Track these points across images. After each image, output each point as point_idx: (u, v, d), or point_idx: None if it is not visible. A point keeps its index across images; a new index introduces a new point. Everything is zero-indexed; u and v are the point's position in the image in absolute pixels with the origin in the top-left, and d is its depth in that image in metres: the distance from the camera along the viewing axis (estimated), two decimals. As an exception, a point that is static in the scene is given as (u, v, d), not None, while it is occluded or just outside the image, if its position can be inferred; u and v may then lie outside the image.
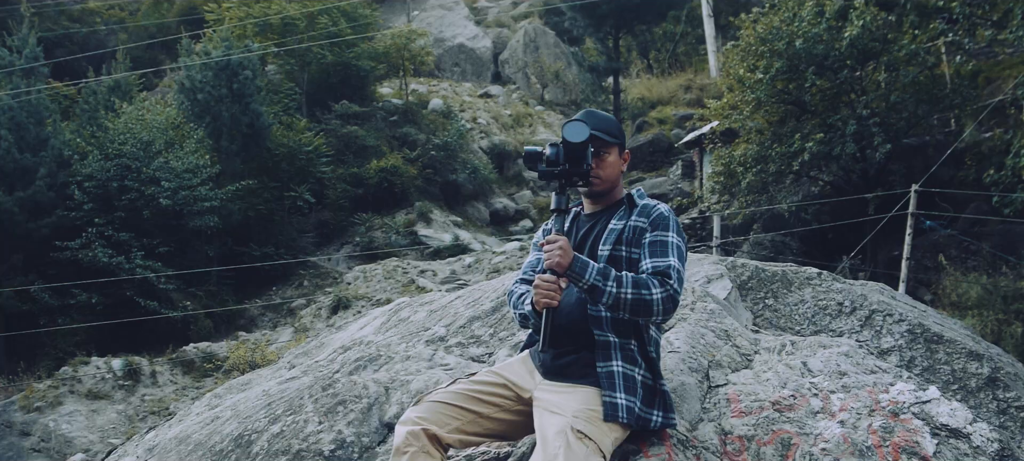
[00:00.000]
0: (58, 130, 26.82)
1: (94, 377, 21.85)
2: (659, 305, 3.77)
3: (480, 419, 4.06)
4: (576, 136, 3.89)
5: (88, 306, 24.51)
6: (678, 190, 27.31)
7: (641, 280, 3.80)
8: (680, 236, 3.99)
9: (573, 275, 3.81)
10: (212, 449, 5.15)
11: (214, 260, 27.37)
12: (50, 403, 21.06)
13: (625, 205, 4.17)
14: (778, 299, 5.74)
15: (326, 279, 27.70)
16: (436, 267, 26.35)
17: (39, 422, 20.66)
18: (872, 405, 4.03)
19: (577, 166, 3.97)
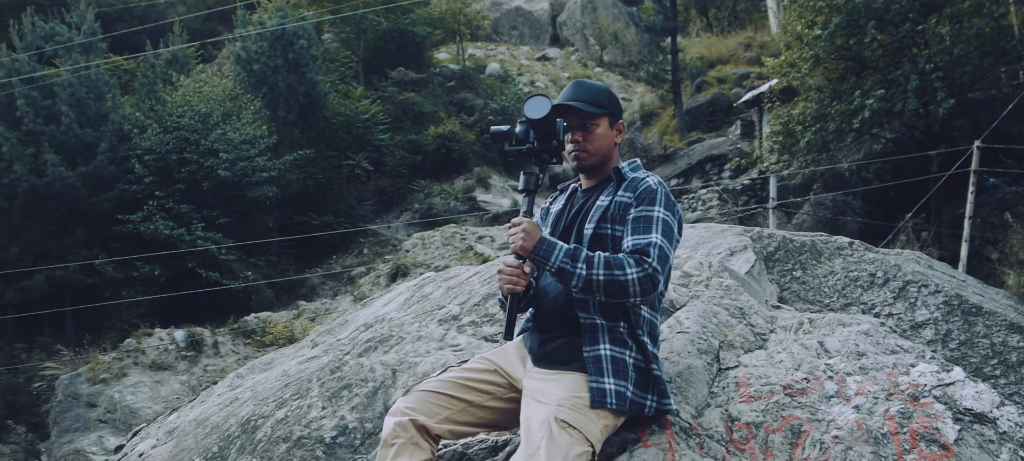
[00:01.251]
0: (118, 104, 27.07)
1: (157, 348, 22.08)
2: (634, 286, 3.52)
3: (471, 408, 3.88)
4: (537, 112, 3.68)
5: (151, 278, 24.78)
6: (737, 150, 26.81)
7: (615, 260, 3.56)
8: (669, 210, 3.71)
9: (538, 259, 3.62)
10: (225, 433, 5.06)
11: (274, 230, 27.52)
12: (115, 375, 21.32)
13: (614, 180, 3.92)
14: (806, 271, 5.49)
15: (385, 247, 27.71)
16: (494, 233, 26.21)
17: (105, 393, 20.94)
18: (890, 388, 3.77)
19: (545, 143, 3.77)
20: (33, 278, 24.48)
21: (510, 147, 3.87)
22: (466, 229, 26.71)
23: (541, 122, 3.69)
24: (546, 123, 3.71)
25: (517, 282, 3.71)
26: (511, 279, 3.71)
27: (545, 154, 3.81)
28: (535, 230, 3.66)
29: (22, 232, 24.93)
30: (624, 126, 4.02)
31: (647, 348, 3.70)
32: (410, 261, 24.94)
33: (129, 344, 22.15)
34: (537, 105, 3.69)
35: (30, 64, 26.17)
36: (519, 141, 3.82)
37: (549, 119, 3.69)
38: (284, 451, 4.53)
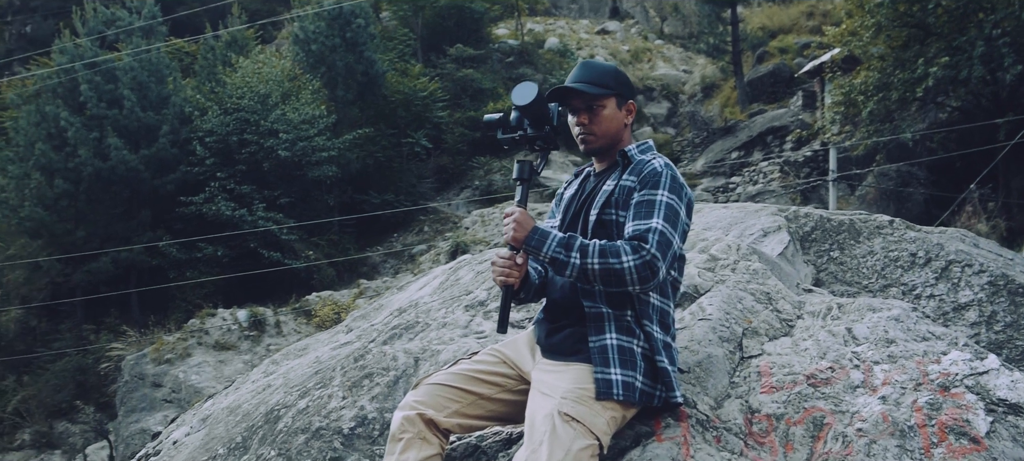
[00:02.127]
0: (179, 87, 27.35)
1: (220, 328, 22.31)
2: (632, 274, 3.38)
3: (481, 401, 3.77)
4: (523, 98, 3.57)
5: (214, 259, 25.06)
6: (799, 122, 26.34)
7: (611, 248, 3.42)
8: (673, 193, 3.54)
9: (530, 249, 3.52)
10: (251, 423, 5.01)
11: (334, 209, 27.66)
12: (179, 355, 21.58)
13: (620, 163, 3.77)
14: (844, 251, 5.28)
15: (446, 225, 27.71)
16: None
17: (169, 373, 21.21)
18: (919, 378, 3.58)
19: (538, 129, 3.67)
20: (99, 260, 24.88)
21: (502, 136, 3.76)
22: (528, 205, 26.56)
23: (530, 108, 3.60)
24: (536, 109, 3.61)
25: (509, 274, 3.62)
26: (503, 271, 3.62)
27: (539, 141, 3.71)
28: (527, 220, 3.55)
29: (88, 215, 25.32)
30: (635, 106, 3.84)
31: (654, 337, 3.55)
32: (470, 238, 24.88)
33: (193, 324, 22.41)
34: (523, 91, 3.58)
35: (93, 49, 26.51)
36: (511, 129, 3.72)
37: (538, 105, 3.59)
38: (302, 442, 4.46)
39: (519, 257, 3.62)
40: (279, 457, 4.46)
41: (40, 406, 23.70)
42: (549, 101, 3.71)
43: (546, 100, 3.67)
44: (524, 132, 3.70)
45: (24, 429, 23.50)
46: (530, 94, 3.57)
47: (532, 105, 3.58)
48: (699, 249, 4.89)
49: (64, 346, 25.09)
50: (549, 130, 3.69)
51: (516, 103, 3.58)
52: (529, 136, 3.70)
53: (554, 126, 3.69)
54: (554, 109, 3.72)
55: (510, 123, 3.74)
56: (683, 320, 4.27)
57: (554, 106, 3.72)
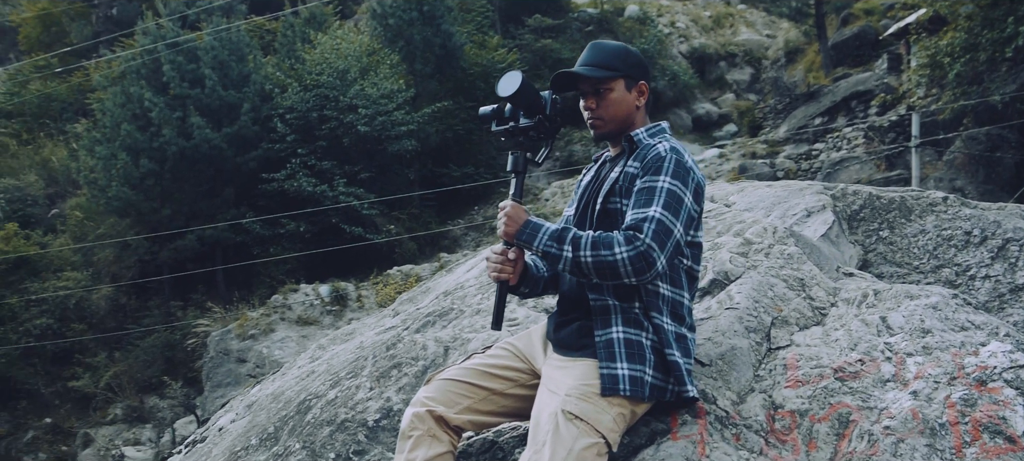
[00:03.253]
0: (259, 65, 27.61)
1: (303, 304, 22.54)
2: (625, 266, 3.22)
3: (494, 396, 3.65)
4: (506, 89, 3.45)
5: (296, 235, 25.31)
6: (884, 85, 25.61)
7: (603, 239, 3.27)
8: (677, 179, 3.35)
9: (522, 243, 3.43)
10: (285, 412, 4.95)
11: (415, 183, 27.72)
12: (263, 330, 21.87)
13: (627, 148, 3.61)
14: (894, 230, 5.01)
15: (527, 196, 27.62)
16: (633, 178, 25.80)
17: (253, 349, 21.51)
18: (954, 371, 3.35)
19: (531, 119, 3.56)
20: (185, 238, 25.30)
21: (496, 128, 3.66)
22: (606, 175, 26.34)
23: (516, 99, 3.48)
24: (524, 99, 3.50)
25: (502, 270, 3.53)
26: (496, 267, 3.53)
27: (531, 131, 3.58)
28: (518, 213, 3.45)
29: (174, 193, 25.74)
30: (647, 87, 3.65)
31: (664, 330, 3.40)
32: (549, 210, 24.77)
33: (276, 300, 22.67)
34: (507, 82, 3.45)
35: (174, 30, 26.87)
36: (504, 121, 3.61)
37: (524, 95, 3.47)
38: (326, 435, 4.39)
39: (511, 252, 3.53)
40: (303, 450, 4.40)
41: (131, 381, 24.23)
42: (555, 87, 3.58)
43: (533, 89, 3.53)
44: (516, 123, 3.59)
45: (116, 403, 24.07)
46: (513, 84, 3.44)
47: (517, 95, 3.46)
48: (734, 233, 4.68)
49: (153, 323, 25.59)
50: (541, 119, 3.57)
51: (500, 94, 3.47)
52: (521, 127, 3.59)
53: (547, 115, 3.57)
54: (548, 97, 3.58)
55: (504, 115, 3.63)
56: (710, 309, 4.09)
57: (548, 94, 3.59)
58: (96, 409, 24.24)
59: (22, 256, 25.75)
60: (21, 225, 27.72)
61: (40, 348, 24.88)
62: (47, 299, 25.10)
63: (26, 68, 36.93)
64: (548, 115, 3.58)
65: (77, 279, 25.89)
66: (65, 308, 25.49)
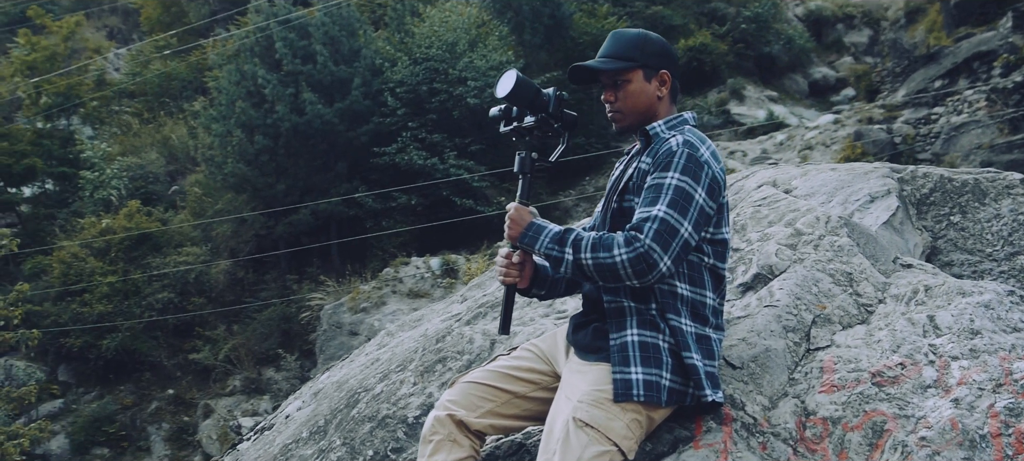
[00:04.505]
0: (369, 40, 27.75)
1: (414, 277, 22.65)
2: (624, 268, 3.08)
3: (516, 399, 3.53)
4: (502, 89, 3.38)
5: (408, 208, 25.45)
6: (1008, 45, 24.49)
7: (604, 241, 3.13)
8: (687, 175, 3.17)
9: (525, 246, 3.35)
10: (337, 404, 4.88)
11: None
12: (375, 303, 22.05)
13: (642, 142, 3.45)
14: (966, 215, 4.72)
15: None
16: (746, 147, 25.29)
17: (365, 322, 21.70)
18: (1001, 377, 3.09)
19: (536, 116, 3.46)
20: (300, 212, 25.63)
21: (503, 128, 3.57)
22: (717, 144, 25.84)
23: (514, 98, 3.40)
24: (522, 98, 3.41)
25: (507, 273, 3.46)
26: (503, 270, 3.47)
27: (536, 131, 3.49)
28: (522, 216, 3.37)
29: (288, 169, 26.07)
30: (669, 76, 3.46)
31: (683, 332, 3.24)
32: (630, 185, 24.38)
33: (387, 273, 22.83)
34: (503, 82, 3.38)
35: (286, 7, 27.18)
36: (510, 121, 3.53)
37: (522, 93, 3.39)
38: (367, 432, 4.32)
39: (516, 256, 3.45)
40: (343, 446, 4.33)
41: (249, 354, 24.72)
42: (574, 81, 3.49)
43: (533, 87, 3.43)
44: (520, 123, 3.50)
45: (235, 375, 24.59)
46: (508, 84, 3.37)
47: (513, 95, 3.38)
48: (786, 222, 4.43)
49: (270, 296, 26.06)
50: (545, 118, 3.47)
51: (497, 95, 3.39)
52: (525, 127, 3.50)
53: (550, 113, 3.47)
54: (551, 94, 3.48)
55: (511, 115, 3.54)
56: (748, 306, 3.88)
57: (551, 91, 3.49)
58: (215, 381, 24.80)
59: (144, 232, 26.44)
60: (143, 202, 28.48)
61: (162, 322, 25.55)
62: (168, 274, 25.73)
63: (147, 48, 37.90)
64: (551, 113, 3.47)
65: (197, 254, 26.48)
66: (185, 283, 26.10)
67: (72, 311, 25.06)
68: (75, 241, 26.70)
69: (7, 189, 31.36)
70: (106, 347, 24.70)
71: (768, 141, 25.29)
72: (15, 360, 24.85)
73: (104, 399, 24.60)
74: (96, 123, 35.27)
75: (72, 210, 30.10)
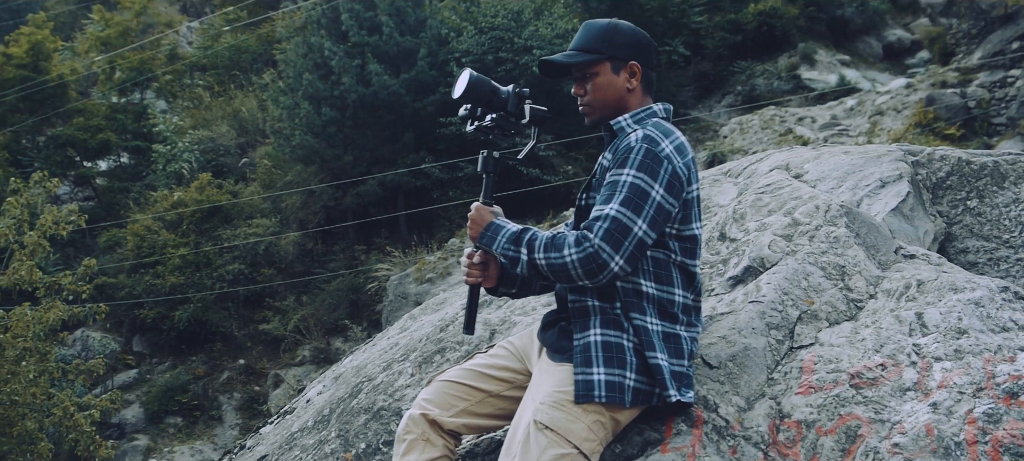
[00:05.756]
0: (434, 10, 27.73)
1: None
2: (575, 268, 3.01)
3: (491, 398, 3.48)
4: (456, 90, 3.37)
5: (475, 178, 25.37)
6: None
7: (556, 240, 3.08)
8: (643, 171, 3.07)
9: (484, 246, 3.31)
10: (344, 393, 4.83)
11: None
12: (440, 274, 22.09)
13: (607, 137, 3.37)
14: (984, 200, 4.51)
15: (707, 133, 26.93)
16: (815, 113, 24.77)
17: (430, 293, 21.71)
18: (982, 381, 2.94)
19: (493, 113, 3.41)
20: (367, 183, 25.73)
21: (468, 129, 3.53)
22: (786, 110, 25.38)
23: (470, 98, 3.38)
24: (478, 97, 3.39)
25: (469, 273, 3.44)
26: (465, 270, 3.44)
27: (496, 130, 3.44)
28: (482, 215, 3.34)
29: (355, 140, 26.17)
30: (639, 67, 3.33)
31: (648, 331, 3.15)
32: (727, 148, 24.06)
33: (453, 244, 22.85)
34: (458, 83, 3.36)
35: (352, -23, 27.25)
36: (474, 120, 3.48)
37: (476, 93, 3.37)
38: (361, 424, 4.28)
39: (477, 255, 3.43)
40: (337, 438, 4.28)
41: (318, 324, 24.96)
42: (544, 75, 3.44)
43: (488, 86, 3.40)
44: (480, 122, 3.45)
45: (304, 345, 24.85)
46: (462, 85, 3.35)
47: (467, 95, 3.37)
48: (785, 211, 4.26)
49: (338, 267, 26.25)
50: (504, 116, 3.41)
51: (453, 96, 3.39)
52: (485, 126, 3.44)
53: (510, 111, 3.41)
54: (508, 92, 3.41)
55: (476, 114, 3.48)
56: (734, 302, 3.75)
57: (508, 89, 3.42)
58: (285, 351, 25.09)
59: (215, 205, 26.78)
60: (214, 175, 28.85)
61: (233, 293, 25.90)
62: (239, 246, 26.05)
63: (217, 21, 38.29)
64: (511, 111, 3.40)
65: (266, 226, 26.77)
66: (255, 254, 26.41)
67: (145, 283, 25.55)
68: (148, 214, 27.14)
69: (83, 163, 31.98)
70: (178, 318, 25.15)
71: (838, 107, 24.74)
72: (91, 331, 25.38)
73: (177, 369, 25.05)
74: (169, 97, 35.78)
75: (145, 183, 30.64)
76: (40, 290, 14.75)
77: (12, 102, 31.10)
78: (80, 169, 31.95)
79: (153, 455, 23.02)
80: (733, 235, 4.26)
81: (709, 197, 4.84)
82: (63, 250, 25.20)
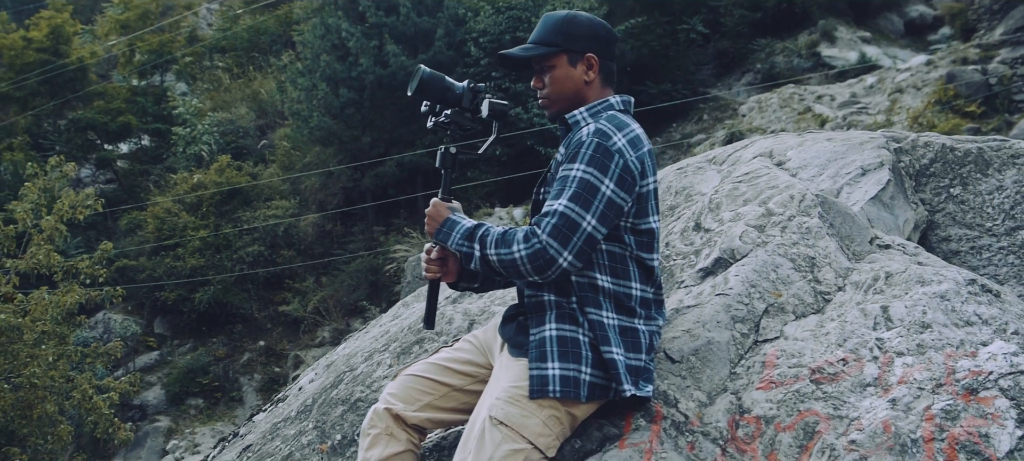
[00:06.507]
0: (452, -11, 27.64)
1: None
2: (524, 264, 3.02)
3: (454, 393, 3.49)
4: (410, 87, 3.39)
5: (493, 159, 25.36)
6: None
7: (507, 236, 3.10)
8: (593, 165, 3.06)
9: (439, 242, 3.32)
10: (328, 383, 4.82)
11: (611, 102, 27.24)
12: (461, 253, 22.06)
13: (561, 131, 3.38)
14: (967, 187, 4.46)
15: (726, 112, 26.78)
16: (835, 91, 24.55)
17: (450, 273, 21.74)
18: (943, 376, 2.91)
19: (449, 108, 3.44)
20: (386, 165, 25.75)
21: (429, 124, 3.57)
22: (805, 89, 25.18)
23: (424, 95, 3.41)
24: (430, 95, 3.41)
25: (427, 268, 3.45)
26: (424, 266, 3.45)
27: (453, 125, 3.47)
28: (438, 211, 3.36)
29: (374, 121, 26.16)
30: (596, 59, 3.31)
31: (603, 325, 3.14)
32: (745, 126, 23.94)
33: (472, 222, 22.81)
34: (412, 81, 3.38)
35: (369, -41, 27.21)
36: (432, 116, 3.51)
37: (429, 90, 3.40)
38: (338, 415, 4.28)
39: (435, 251, 3.43)
40: (314, 430, 4.29)
41: (337, 305, 25.04)
42: (504, 68, 3.47)
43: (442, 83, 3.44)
44: (438, 118, 3.47)
45: (324, 326, 24.95)
46: (413, 82, 3.37)
47: (420, 92, 3.39)
48: (760, 201, 4.21)
49: (357, 248, 26.29)
50: (460, 111, 3.45)
51: (408, 93, 3.41)
52: (441, 122, 3.47)
53: (465, 106, 3.45)
54: (463, 88, 3.43)
55: (434, 111, 3.50)
56: (701, 295, 3.70)
57: (463, 85, 3.44)
58: (305, 332, 25.20)
59: (235, 187, 26.87)
60: (234, 157, 28.95)
61: (253, 275, 26.01)
62: (258, 227, 26.14)
63: (236, 3, 38.34)
64: (466, 107, 3.44)
65: (286, 207, 26.84)
66: (275, 236, 26.50)
67: (166, 265, 25.69)
68: (168, 196, 27.27)
69: (104, 146, 32.15)
70: (199, 300, 25.30)
71: (858, 84, 24.52)
72: (113, 314, 25.56)
73: (198, 351, 25.22)
74: (189, 79, 35.90)
75: (166, 166, 30.76)
76: (58, 274, 14.87)
77: (33, 86, 31.32)
78: (101, 152, 32.14)
79: (175, 436, 23.20)
80: (708, 225, 4.22)
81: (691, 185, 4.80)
82: (85, 233, 25.34)
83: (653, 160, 3.26)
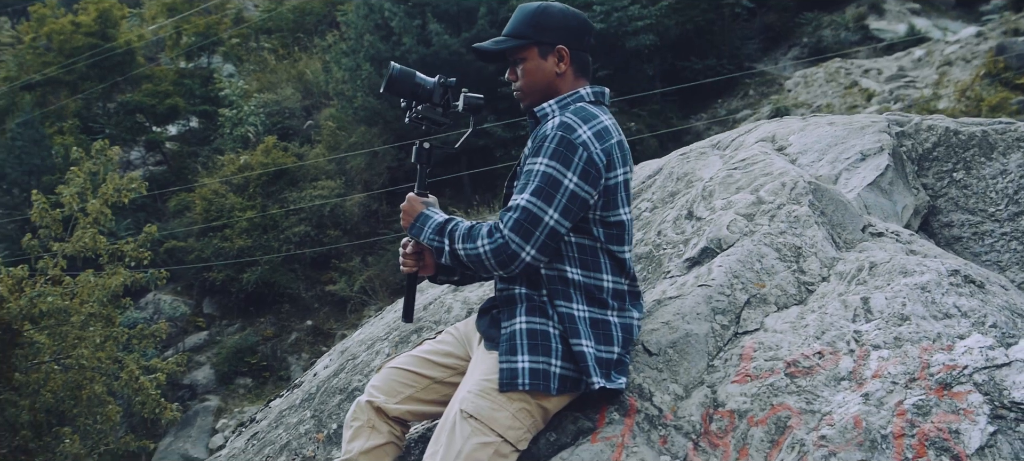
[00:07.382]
0: (496, -33, 27.56)
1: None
2: (488, 259, 3.05)
3: (435, 385, 3.50)
4: (383, 84, 3.40)
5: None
6: None
7: (473, 231, 3.12)
8: (556, 159, 3.05)
9: (413, 236, 3.34)
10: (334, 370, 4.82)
11: (655, 79, 27.08)
12: (501, 233, 22.08)
13: (531, 125, 3.38)
14: (971, 171, 4.37)
15: (772, 87, 26.52)
16: (882, 65, 24.19)
17: (491, 251, 21.77)
18: (917, 371, 2.85)
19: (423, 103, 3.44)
20: (430, 144, 25.73)
21: (407, 120, 3.55)
22: (852, 63, 24.82)
23: (393, 91, 3.40)
24: (401, 90, 3.41)
25: (404, 262, 3.46)
26: (402, 260, 3.47)
27: (426, 120, 3.47)
28: (412, 206, 3.36)
29: (417, 100, 26.17)
30: (567, 51, 3.31)
31: (574, 317, 3.15)
32: (791, 101, 23.67)
33: (514, 201, 22.81)
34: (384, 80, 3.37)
35: (411, -63, 27.21)
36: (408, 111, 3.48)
37: (399, 86, 3.41)
38: (335, 405, 4.30)
39: (410, 245, 3.44)
40: (312, 418, 4.30)
41: (383, 285, 25.15)
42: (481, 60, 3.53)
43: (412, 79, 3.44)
44: (412, 113, 3.47)
45: (370, 306, 25.06)
46: (385, 80, 3.38)
47: (389, 89, 3.40)
48: (752, 189, 4.13)
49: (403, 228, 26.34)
50: (432, 106, 3.46)
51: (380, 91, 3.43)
52: (414, 117, 3.46)
53: (436, 102, 3.45)
54: (433, 83, 3.45)
55: (410, 106, 3.50)
56: (685, 286, 3.66)
57: (434, 80, 3.46)
58: (352, 311, 25.34)
59: (281, 167, 27.05)
60: (280, 137, 29.11)
61: (300, 255, 26.18)
62: (305, 208, 26.30)
63: (282, -16, 38.55)
64: (437, 102, 3.44)
65: (332, 188, 26.96)
66: (321, 216, 26.64)
67: (214, 246, 25.94)
68: (215, 178, 27.52)
69: (153, 128, 32.51)
70: (247, 280, 25.52)
71: (906, 58, 24.14)
72: (162, 295, 25.90)
73: (246, 331, 25.47)
74: (236, 61, 36.16)
75: (213, 147, 31.02)
76: (103, 257, 15.09)
77: (82, 70, 31.73)
78: (150, 134, 32.50)
79: (224, 415, 23.49)
80: (700, 214, 4.17)
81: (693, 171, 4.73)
82: (135, 215, 25.65)
83: (624, 151, 3.24)
